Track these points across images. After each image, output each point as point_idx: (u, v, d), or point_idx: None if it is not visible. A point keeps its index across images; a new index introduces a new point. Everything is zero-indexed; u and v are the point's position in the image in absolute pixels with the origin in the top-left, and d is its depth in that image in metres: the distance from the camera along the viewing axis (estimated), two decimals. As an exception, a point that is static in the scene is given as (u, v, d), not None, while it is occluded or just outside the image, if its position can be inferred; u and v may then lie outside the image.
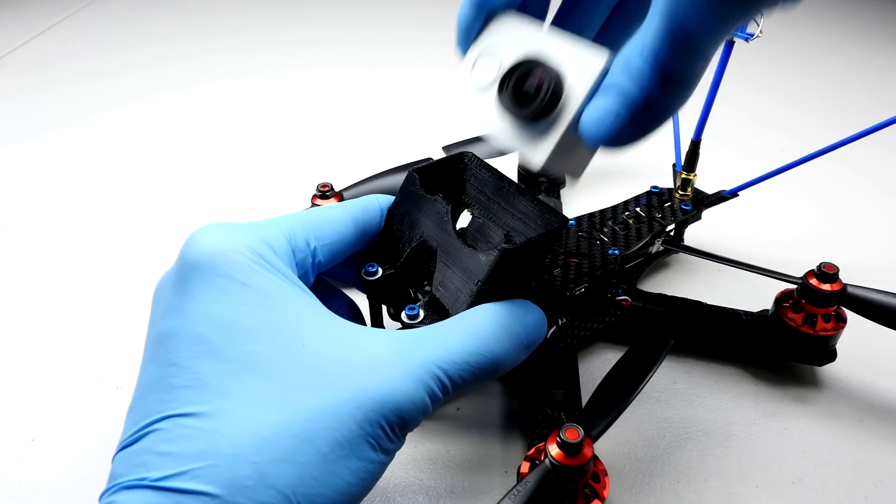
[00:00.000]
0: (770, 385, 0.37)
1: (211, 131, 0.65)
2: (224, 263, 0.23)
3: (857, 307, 0.35)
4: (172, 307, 0.23)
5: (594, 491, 0.28)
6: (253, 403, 0.21)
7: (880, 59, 0.84)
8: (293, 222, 0.27)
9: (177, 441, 0.20)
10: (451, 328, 0.25)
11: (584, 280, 0.37)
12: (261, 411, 0.21)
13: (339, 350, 0.23)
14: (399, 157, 0.49)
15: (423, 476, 0.32)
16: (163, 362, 0.22)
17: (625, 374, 0.29)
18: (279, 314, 0.23)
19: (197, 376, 0.21)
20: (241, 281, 0.23)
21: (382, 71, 0.79)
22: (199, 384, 0.21)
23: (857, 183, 0.57)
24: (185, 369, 0.22)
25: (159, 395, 0.22)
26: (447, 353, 0.24)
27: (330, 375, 0.22)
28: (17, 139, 0.63)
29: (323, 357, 0.22)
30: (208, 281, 0.23)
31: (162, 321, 0.23)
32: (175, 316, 0.23)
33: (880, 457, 0.33)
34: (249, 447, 0.20)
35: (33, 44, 0.85)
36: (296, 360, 0.22)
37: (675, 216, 0.43)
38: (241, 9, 0.99)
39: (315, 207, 0.29)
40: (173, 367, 0.22)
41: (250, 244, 0.24)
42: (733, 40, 0.38)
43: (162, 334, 0.23)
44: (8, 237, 0.49)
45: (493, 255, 0.28)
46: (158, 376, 0.22)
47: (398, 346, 0.24)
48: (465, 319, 0.26)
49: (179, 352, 0.22)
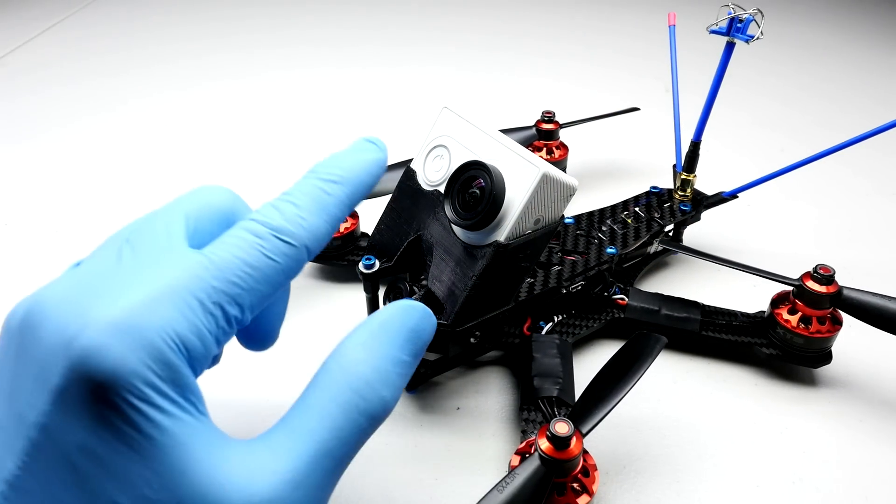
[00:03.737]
0: (770, 385, 0.37)
1: (211, 131, 0.65)
2: (114, 391, 0.18)
3: (853, 310, 0.35)
4: (40, 408, 0.19)
5: (583, 485, 0.28)
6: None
7: (880, 60, 0.84)
8: (208, 289, 0.21)
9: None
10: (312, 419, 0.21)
11: (579, 277, 0.37)
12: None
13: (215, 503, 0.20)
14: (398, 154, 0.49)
15: (423, 475, 0.32)
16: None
17: (616, 371, 0.29)
18: (157, 464, 0.19)
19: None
20: (128, 415, 0.18)
21: (382, 70, 0.79)
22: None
23: (856, 184, 0.57)
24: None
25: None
26: (323, 460, 0.21)
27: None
28: (17, 139, 0.63)
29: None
30: (91, 403, 0.18)
31: (27, 408, 0.19)
32: (41, 425, 0.19)
33: (880, 457, 0.33)
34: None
35: (33, 44, 0.85)
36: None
37: (673, 217, 0.43)
38: (241, 9, 0.99)
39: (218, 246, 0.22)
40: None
41: (155, 353, 0.19)
42: (734, 42, 0.38)
43: (23, 419, 0.19)
44: (8, 237, 0.49)
45: (488, 251, 0.28)
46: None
47: (275, 477, 0.20)
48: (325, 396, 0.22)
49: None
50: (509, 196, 0.28)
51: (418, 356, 0.23)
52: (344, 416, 0.21)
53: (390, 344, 0.23)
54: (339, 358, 0.22)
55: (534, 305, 0.37)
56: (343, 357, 0.22)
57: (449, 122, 0.31)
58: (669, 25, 0.45)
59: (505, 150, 0.28)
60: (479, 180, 0.28)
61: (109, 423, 0.18)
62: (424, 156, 0.32)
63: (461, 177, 0.29)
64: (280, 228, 0.22)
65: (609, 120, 0.56)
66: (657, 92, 0.74)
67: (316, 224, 0.23)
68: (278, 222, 0.23)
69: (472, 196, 0.28)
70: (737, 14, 0.37)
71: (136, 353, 0.19)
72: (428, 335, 0.24)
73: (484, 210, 0.27)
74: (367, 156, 0.26)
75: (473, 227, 0.28)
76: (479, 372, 0.37)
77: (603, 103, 0.62)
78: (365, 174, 0.25)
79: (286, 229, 0.23)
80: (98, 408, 0.18)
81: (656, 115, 0.63)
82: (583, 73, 0.79)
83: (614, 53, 0.85)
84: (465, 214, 0.28)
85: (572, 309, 0.38)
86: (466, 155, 0.30)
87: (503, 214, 0.28)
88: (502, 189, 0.27)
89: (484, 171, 0.28)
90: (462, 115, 0.31)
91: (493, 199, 0.27)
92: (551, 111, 0.52)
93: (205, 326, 0.20)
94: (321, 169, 0.25)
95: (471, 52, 0.85)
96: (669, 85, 0.47)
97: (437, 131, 0.31)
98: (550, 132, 0.52)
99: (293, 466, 0.20)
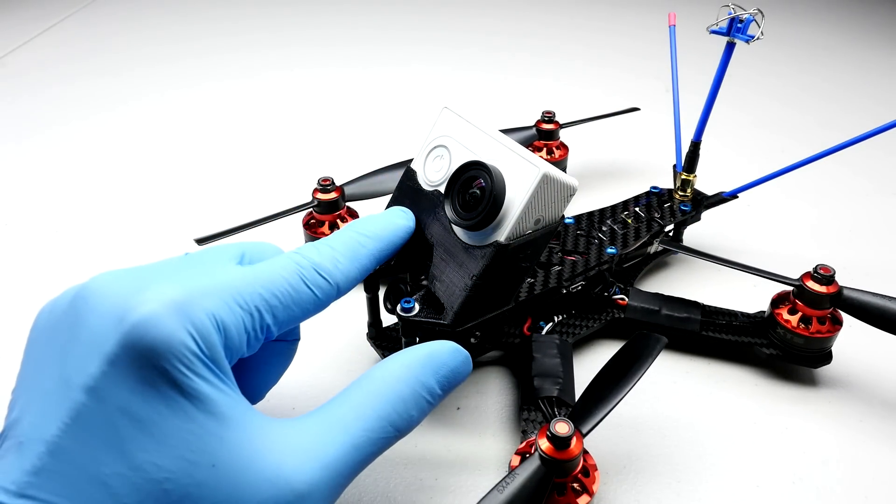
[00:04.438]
0: (770, 385, 0.37)
1: (211, 130, 0.65)
2: (165, 357, 0.20)
3: (853, 310, 0.35)
4: (90, 371, 0.20)
5: (583, 485, 0.28)
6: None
7: (880, 60, 0.84)
8: (252, 294, 0.23)
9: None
10: (347, 418, 0.24)
11: (579, 278, 0.37)
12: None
13: (247, 469, 0.21)
14: (398, 154, 0.49)
15: (424, 475, 0.32)
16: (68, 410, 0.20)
17: (617, 371, 0.29)
18: (197, 427, 0.21)
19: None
20: (175, 380, 0.20)
21: (382, 70, 0.79)
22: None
23: (856, 184, 0.57)
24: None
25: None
26: (351, 452, 0.23)
27: (232, 498, 0.21)
28: (17, 139, 0.63)
29: (229, 479, 0.21)
30: (140, 369, 0.20)
31: (76, 373, 0.20)
32: (90, 388, 0.20)
33: (880, 457, 0.33)
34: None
35: (33, 44, 0.85)
36: (201, 481, 0.20)
37: (674, 217, 0.43)
38: (241, 9, 0.99)
39: (275, 265, 0.25)
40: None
41: (202, 330, 0.21)
42: (734, 42, 0.38)
43: (71, 384, 0.20)
44: (8, 237, 0.49)
45: (488, 251, 0.28)
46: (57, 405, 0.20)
47: (306, 455, 0.22)
48: (366, 403, 0.24)
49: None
50: (510, 196, 0.28)
51: (447, 393, 0.27)
52: (376, 421, 0.24)
53: (431, 374, 0.25)
54: (384, 370, 0.25)
55: (534, 305, 0.37)
56: (387, 371, 0.25)
57: (449, 122, 0.31)
58: (669, 25, 0.45)
59: (505, 150, 0.28)
60: (479, 180, 0.28)
61: (156, 388, 0.20)
62: (425, 156, 0.32)
63: (461, 177, 0.29)
64: (319, 265, 0.26)
65: (609, 120, 0.56)
66: (657, 92, 0.74)
67: (349, 268, 0.27)
68: (318, 259, 0.26)
69: (473, 196, 0.28)
70: (737, 14, 0.37)
71: (185, 328, 0.21)
72: (462, 378, 0.27)
73: (484, 210, 0.27)
74: (398, 221, 0.30)
75: (474, 227, 0.28)
76: (479, 372, 0.37)
77: (603, 103, 0.62)
78: (395, 235, 0.29)
79: (324, 266, 0.26)
80: (147, 372, 0.20)
81: (656, 115, 0.63)
82: (583, 73, 0.79)
83: (614, 53, 0.85)
84: (465, 214, 0.28)
85: (572, 309, 0.38)
86: (467, 155, 0.30)
87: (503, 214, 0.28)
88: (503, 189, 0.27)
89: (484, 172, 0.28)
90: (462, 115, 0.31)
91: (494, 199, 0.27)
92: (551, 111, 0.52)
93: (243, 322, 0.23)
94: (359, 225, 0.29)
95: (471, 52, 0.85)
96: (669, 85, 0.47)
97: (438, 131, 0.31)
98: (550, 132, 0.52)
99: (323, 450, 0.22)
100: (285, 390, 0.36)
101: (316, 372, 0.37)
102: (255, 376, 0.29)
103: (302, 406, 0.35)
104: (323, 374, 0.37)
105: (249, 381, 0.29)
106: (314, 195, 0.42)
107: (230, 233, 0.39)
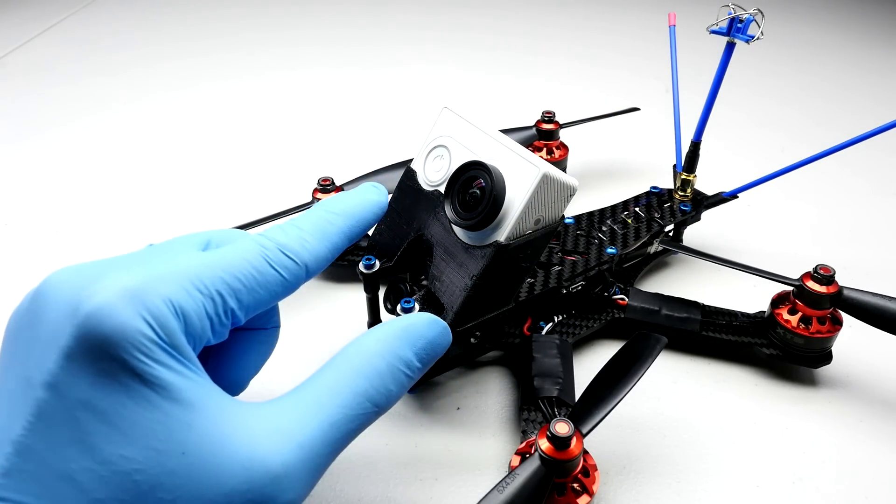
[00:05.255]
0: (770, 385, 0.37)
1: (211, 130, 0.65)
2: (121, 346, 0.20)
3: (853, 310, 0.35)
4: (48, 367, 0.20)
5: (583, 486, 0.28)
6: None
7: (881, 60, 0.84)
8: (213, 278, 0.23)
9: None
10: (321, 399, 0.23)
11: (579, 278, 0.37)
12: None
13: (219, 454, 0.21)
14: (398, 154, 0.49)
15: (423, 475, 0.32)
16: (27, 412, 0.20)
17: (617, 371, 0.29)
18: (162, 415, 0.20)
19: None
20: (134, 369, 0.20)
21: (382, 70, 0.79)
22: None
23: (856, 184, 0.57)
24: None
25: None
26: (328, 430, 0.22)
27: (205, 484, 0.20)
28: (17, 139, 0.63)
29: (201, 465, 0.20)
30: (97, 360, 0.20)
31: (36, 370, 0.20)
32: (49, 384, 0.20)
33: (880, 457, 0.33)
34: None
35: (33, 44, 0.85)
36: (171, 469, 0.20)
37: (673, 217, 0.43)
38: (241, 9, 0.99)
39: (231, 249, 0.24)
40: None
41: (159, 317, 0.21)
42: (734, 42, 0.38)
43: (32, 382, 0.20)
44: (8, 237, 0.49)
45: (488, 251, 0.28)
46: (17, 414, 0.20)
47: (280, 436, 0.22)
48: (341, 377, 0.24)
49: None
50: (510, 196, 0.28)
51: (427, 366, 0.26)
52: (353, 398, 0.23)
53: (408, 347, 0.25)
54: (358, 346, 0.24)
55: (534, 305, 0.37)
56: (362, 346, 0.24)
57: (449, 122, 0.31)
58: (669, 25, 0.45)
59: (505, 150, 0.28)
60: (479, 180, 0.28)
61: (115, 379, 0.20)
62: (425, 156, 0.32)
63: (461, 177, 0.29)
64: (285, 245, 0.25)
65: (609, 120, 0.56)
66: (657, 92, 0.74)
67: (317, 248, 0.26)
68: (283, 240, 0.25)
69: (473, 196, 0.28)
70: (737, 14, 0.37)
71: (140, 314, 0.20)
72: (441, 350, 0.26)
73: (484, 210, 0.27)
74: (369, 196, 0.28)
75: (474, 227, 0.28)
76: (479, 372, 0.37)
77: (603, 103, 0.62)
78: (367, 211, 0.28)
79: (290, 247, 0.25)
80: (105, 364, 0.20)
81: (656, 115, 0.63)
82: (583, 73, 0.79)
83: (614, 53, 0.85)
84: (465, 214, 0.28)
85: (572, 309, 0.38)
86: (467, 155, 0.30)
87: (503, 214, 0.28)
88: (502, 189, 0.27)
89: (484, 172, 0.28)
90: (462, 115, 0.31)
91: (494, 199, 0.27)
92: (551, 111, 0.52)
93: (203, 308, 0.22)
94: (328, 203, 0.27)
95: (471, 52, 0.85)
96: (669, 85, 0.47)
97: (438, 131, 0.31)
98: (550, 132, 0.52)
99: (299, 429, 0.22)
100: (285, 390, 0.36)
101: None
102: (234, 366, 0.28)
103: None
104: (323, 374, 0.37)
105: (228, 372, 0.28)
106: (314, 195, 0.42)
107: (230, 233, 0.39)
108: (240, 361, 0.28)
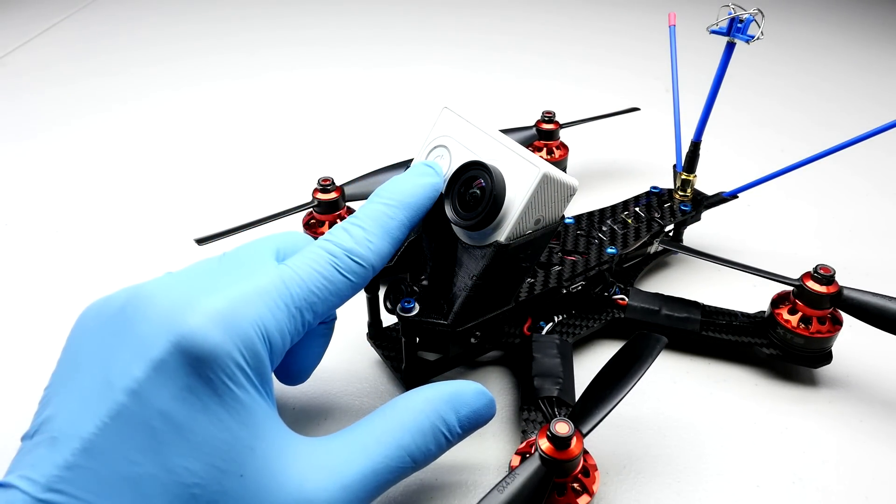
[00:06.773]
0: (770, 385, 0.37)
1: (211, 130, 0.65)
2: (211, 368, 0.21)
3: (853, 310, 0.35)
4: (134, 375, 0.21)
5: (583, 485, 0.28)
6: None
7: (880, 60, 0.84)
8: (293, 296, 0.24)
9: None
10: (374, 442, 0.25)
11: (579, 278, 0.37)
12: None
13: (273, 482, 0.22)
14: (398, 154, 0.49)
15: (424, 475, 0.32)
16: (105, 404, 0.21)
17: (617, 371, 0.29)
18: (231, 436, 0.21)
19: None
20: (216, 390, 0.21)
21: (382, 71, 0.79)
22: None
23: (856, 184, 0.57)
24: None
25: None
26: (369, 476, 0.24)
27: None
28: (17, 139, 0.63)
29: (255, 490, 0.22)
30: (184, 376, 0.21)
31: (120, 375, 0.21)
32: (132, 390, 0.21)
33: (880, 457, 0.33)
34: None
35: (33, 44, 0.85)
36: (228, 489, 0.21)
37: (674, 217, 0.43)
38: (241, 9, 0.99)
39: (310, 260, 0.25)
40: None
41: (249, 345, 0.22)
42: (734, 42, 0.38)
43: (113, 385, 0.21)
44: (8, 237, 0.49)
45: (488, 251, 0.28)
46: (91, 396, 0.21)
47: (327, 474, 0.23)
48: (389, 429, 0.25)
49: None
50: (510, 196, 0.28)
51: (467, 434, 0.27)
52: (396, 450, 0.24)
53: (453, 412, 0.26)
54: (407, 402, 0.26)
55: (534, 305, 0.37)
56: (410, 402, 0.26)
57: (449, 122, 0.31)
58: (669, 25, 0.45)
59: (505, 150, 0.28)
60: (479, 180, 0.28)
61: (196, 396, 0.21)
62: (425, 156, 0.32)
63: (461, 177, 0.29)
64: (352, 250, 0.26)
65: (609, 120, 0.56)
66: (657, 92, 0.74)
67: (381, 246, 0.27)
68: (350, 244, 0.26)
69: (473, 196, 0.28)
70: (737, 14, 0.37)
71: (233, 340, 0.22)
72: (484, 421, 0.27)
73: (484, 210, 0.27)
74: (424, 180, 0.29)
75: (474, 227, 0.28)
76: (479, 372, 0.37)
77: (603, 103, 0.62)
78: (423, 198, 0.28)
79: (357, 251, 0.26)
80: (190, 380, 0.21)
81: (656, 115, 0.63)
82: (583, 73, 0.79)
83: (614, 53, 0.85)
84: (465, 215, 0.28)
85: (572, 309, 0.38)
86: (467, 155, 0.30)
87: (503, 214, 0.28)
88: (503, 189, 0.27)
89: (484, 172, 0.28)
90: (462, 115, 0.31)
91: (494, 199, 0.27)
92: (551, 111, 0.52)
93: (286, 326, 0.24)
94: (384, 193, 0.28)
95: (471, 52, 0.85)
96: (669, 85, 0.47)
97: (438, 131, 0.31)
98: (550, 132, 0.52)
99: (345, 472, 0.23)
100: (284, 389, 0.36)
101: (315, 372, 0.37)
102: (299, 358, 0.30)
103: (299, 404, 0.35)
104: (322, 374, 0.37)
105: (295, 364, 0.30)
106: (314, 195, 0.42)
107: (230, 233, 0.39)
108: (305, 354, 0.30)
